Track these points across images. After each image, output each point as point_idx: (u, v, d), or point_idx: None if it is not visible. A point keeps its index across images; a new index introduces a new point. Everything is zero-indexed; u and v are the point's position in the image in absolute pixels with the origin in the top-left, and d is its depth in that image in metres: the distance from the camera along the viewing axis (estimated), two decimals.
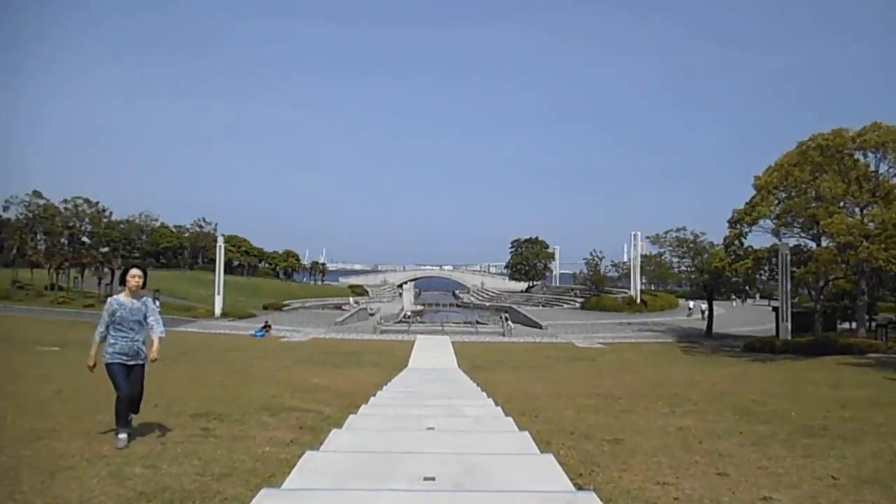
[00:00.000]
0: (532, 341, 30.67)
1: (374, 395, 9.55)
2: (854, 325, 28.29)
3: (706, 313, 44.37)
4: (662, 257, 63.14)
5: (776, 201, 26.07)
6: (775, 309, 37.70)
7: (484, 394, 9.91)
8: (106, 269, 43.05)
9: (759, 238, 30.53)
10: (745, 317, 45.21)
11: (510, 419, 6.43)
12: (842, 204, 24.84)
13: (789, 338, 26.75)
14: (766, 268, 31.77)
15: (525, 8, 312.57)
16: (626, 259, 71.92)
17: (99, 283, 42.57)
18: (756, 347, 26.69)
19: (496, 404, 8.59)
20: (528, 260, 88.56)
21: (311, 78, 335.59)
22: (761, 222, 28.93)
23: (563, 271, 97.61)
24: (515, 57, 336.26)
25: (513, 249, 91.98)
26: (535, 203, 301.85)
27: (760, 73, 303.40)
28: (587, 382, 13.72)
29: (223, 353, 20.92)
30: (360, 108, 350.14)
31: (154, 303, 21.18)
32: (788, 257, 27.60)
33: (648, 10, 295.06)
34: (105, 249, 46.86)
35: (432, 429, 5.86)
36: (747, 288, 36.21)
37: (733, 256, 30.32)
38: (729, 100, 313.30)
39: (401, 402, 8.59)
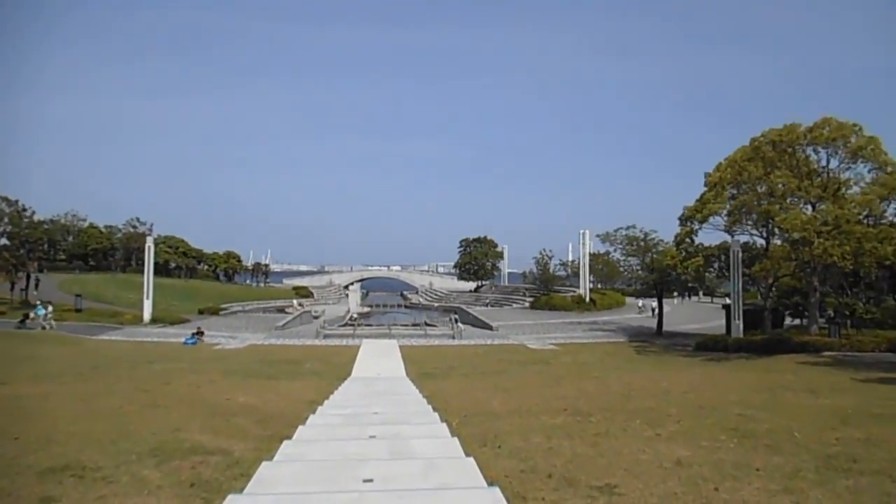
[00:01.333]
0: (483, 344, 29.44)
1: (305, 420, 7.97)
2: (803, 322, 28.33)
3: (656, 311, 44.56)
4: (610, 256, 63.52)
5: (728, 197, 25.66)
6: (725, 307, 37.93)
7: (436, 415, 8.46)
8: (20, 273, 39.39)
9: (709, 235, 30.34)
10: (690, 314, 45.47)
11: (471, 460, 5.01)
12: (791, 200, 24.66)
13: (741, 336, 26.52)
14: (716, 265, 31.65)
15: (465, 6, 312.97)
16: (571, 258, 72.09)
17: (12, 289, 38.90)
18: (709, 346, 26.32)
19: (451, 430, 7.20)
20: (476, 259, 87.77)
21: (257, 76, 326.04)
22: (712, 219, 28.64)
23: (511, 270, 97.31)
24: (463, 54, 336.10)
25: (461, 249, 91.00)
26: (483, 202, 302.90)
27: (716, 68, 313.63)
28: (548, 392, 12.48)
29: (142, 365, 18.72)
30: (308, 108, 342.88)
31: (46, 308, 18.81)
32: (740, 254, 27.37)
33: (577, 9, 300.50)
34: (20, 252, 42.64)
35: (370, 481, 4.39)
36: (696, 286, 36.11)
37: (684, 254, 29.98)
38: (692, 94, 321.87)
39: (335, 434, 7.04)
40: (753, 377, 14.65)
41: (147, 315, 37.53)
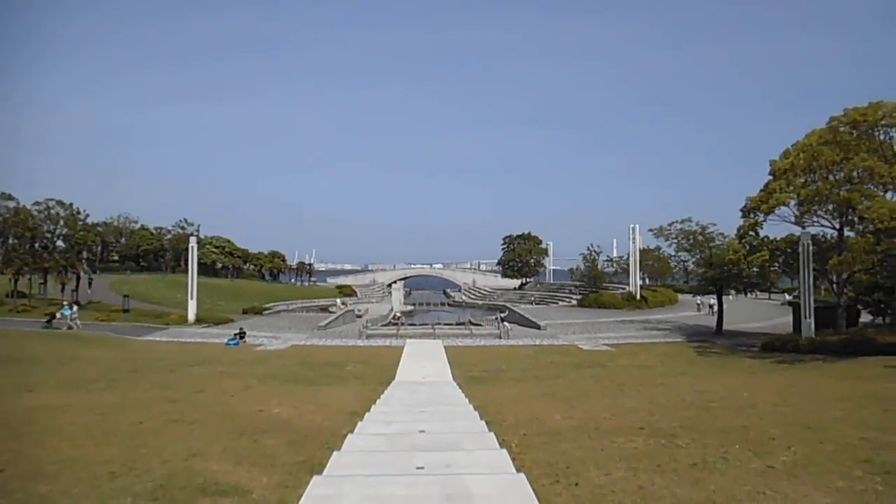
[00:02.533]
0: (532, 344, 28.04)
1: (342, 443, 6.88)
2: (885, 320, 25.95)
3: (714, 309, 42.18)
4: (662, 251, 60.99)
5: (797, 185, 23.56)
6: (791, 303, 35.46)
7: (492, 435, 7.25)
8: (70, 274, 39.96)
9: (774, 228, 28.22)
10: (750, 312, 42.96)
11: None
12: (869, 186, 22.46)
13: (813, 335, 24.42)
14: (781, 259, 29.36)
15: (526, 9, 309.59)
16: (616, 254, 69.63)
17: (62, 289, 39.49)
18: (776, 347, 24.40)
19: (511, 455, 6.01)
20: (520, 256, 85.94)
21: (302, 81, 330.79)
22: (779, 210, 26.57)
23: (555, 268, 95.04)
24: (506, 57, 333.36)
25: (505, 246, 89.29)
26: (527, 199, 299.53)
27: (748, 71, 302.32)
28: (614, 403, 11.10)
29: (181, 368, 18.11)
30: (352, 110, 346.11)
31: (72, 309, 18.36)
32: (811, 247, 25.20)
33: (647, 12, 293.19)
34: (69, 253, 43.36)
35: None
36: (759, 282, 33.66)
37: (748, 248, 27.95)
38: (710, 102, 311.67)
39: (375, 464, 5.91)
40: (846, 385, 12.90)
41: (192, 315, 37.50)
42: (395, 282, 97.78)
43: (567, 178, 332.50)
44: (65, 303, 34.55)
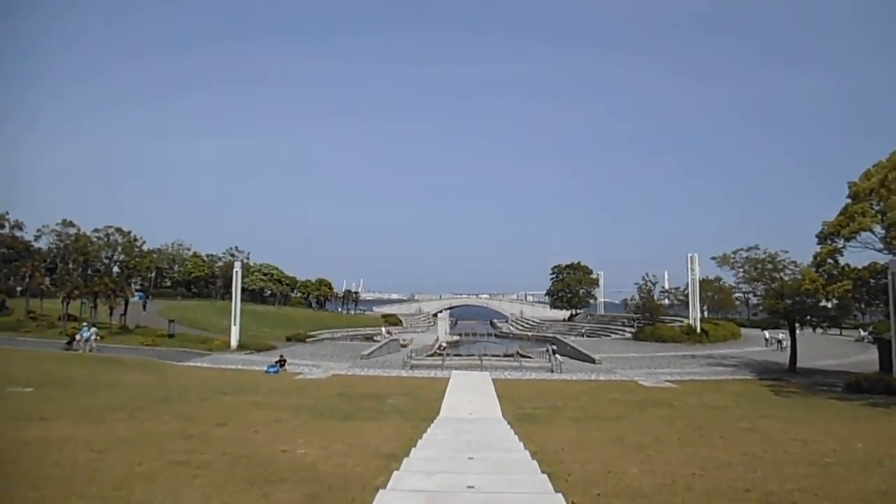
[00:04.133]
0: (587, 379, 26.04)
1: (373, 501, 5.44)
2: None
3: (783, 345, 39.07)
4: (723, 282, 57.81)
5: (891, 204, 21.20)
6: (877, 339, 32.36)
7: (559, 496, 5.67)
8: (119, 298, 40.21)
9: (853, 256, 25.66)
10: (821, 348, 39.60)
11: None
12: None
13: None
14: (865, 290, 26.59)
15: (563, 28, 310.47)
16: (668, 286, 66.44)
17: (111, 313, 39.73)
18: (864, 388, 21.89)
19: None
20: (570, 287, 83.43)
21: (348, 112, 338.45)
22: (860, 236, 24.12)
23: (605, 299, 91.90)
24: (551, 79, 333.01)
25: (553, 276, 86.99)
26: (574, 230, 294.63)
27: (809, 95, 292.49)
28: (697, 454, 9.30)
29: (213, 397, 17.08)
30: (398, 140, 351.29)
31: (90, 330, 17.57)
32: None
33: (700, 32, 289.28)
34: (117, 279, 43.84)
35: None
36: (838, 314, 30.73)
37: (826, 277, 25.42)
38: (776, 123, 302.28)
39: None
40: None
41: (234, 342, 37.01)
42: (440, 311, 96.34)
43: (615, 207, 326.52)
44: (84, 324, 34.50)
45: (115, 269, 76.04)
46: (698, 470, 7.83)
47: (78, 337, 31.61)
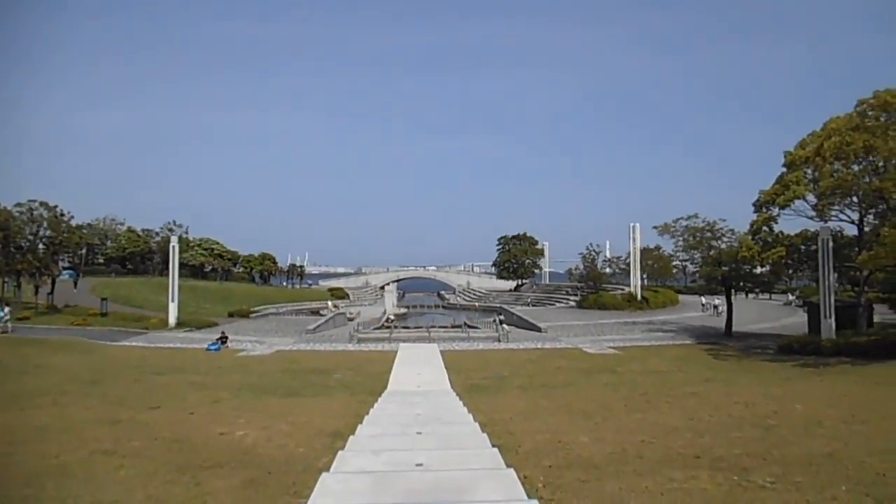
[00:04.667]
0: (533, 347, 26.29)
1: (313, 485, 5.08)
2: None
3: (719, 310, 40.61)
4: (662, 250, 59.44)
5: (823, 174, 21.93)
6: (806, 303, 33.91)
7: (511, 472, 5.45)
8: (45, 276, 37.89)
9: (787, 223, 26.71)
10: (753, 313, 41.34)
11: None
12: None
13: (834, 336, 22.87)
14: (796, 256, 27.72)
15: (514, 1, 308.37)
16: (609, 255, 67.94)
17: (37, 292, 37.45)
18: (794, 349, 22.94)
19: None
20: (516, 257, 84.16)
21: (290, 79, 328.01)
22: (794, 204, 25.02)
23: (550, 269, 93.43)
24: (500, 51, 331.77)
25: (500, 247, 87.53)
26: (518, 200, 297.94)
27: (750, 69, 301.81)
28: (645, 420, 9.36)
29: (147, 377, 16.23)
30: (343, 110, 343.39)
31: (3, 310, 16.41)
32: (830, 243, 23.63)
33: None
34: (44, 255, 41.22)
35: None
36: (770, 279, 32.01)
37: (762, 244, 26.32)
38: (723, 96, 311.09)
39: None
40: None
41: (172, 319, 35.60)
42: (387, 284, 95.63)
43: (560, 179, 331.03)
44: None
45: (41, 246, 71.78)
46: (647, 437, 7.82)
47: None
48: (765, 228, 26.29)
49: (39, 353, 22.42)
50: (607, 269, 64.85)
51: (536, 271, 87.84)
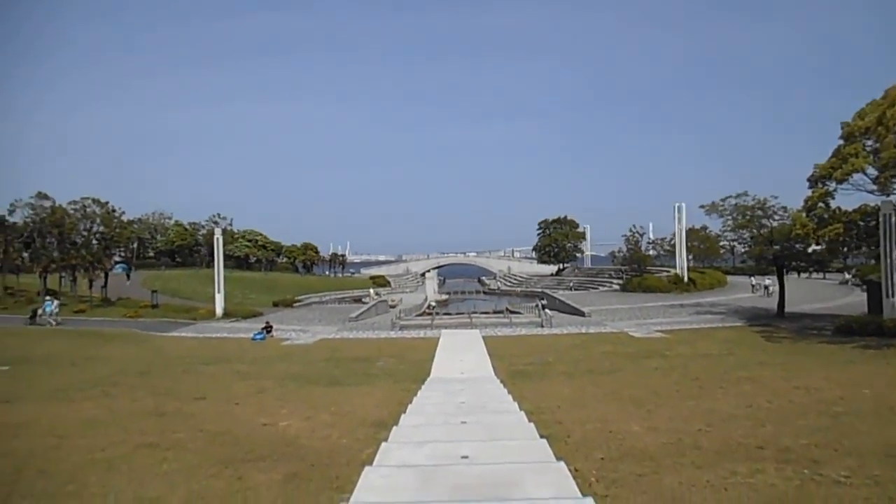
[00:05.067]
0: (577, 332, 25.78)
1: (356, 480, 4.93)
2: None
3: (769, 290, 39.16)
4: (709, 231, 57.71)
5: (887, 144, 20.69)
6: (865, 282, 32.31)
7: (561, 464, 5.18)
8: (98, 270, 39.18)
9: (844, 198, 25.28)
10: (806, 293, 39.76)
11: None
12: None
13: None
14: (854, 233, 26.33)
15: None
16: (653, 237, 66.23)
17: (90, 286, 38.77)
18: (854, 330, 21.83)
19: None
20: (556, 241, 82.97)
21: (331, 72, 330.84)
22: (852, 178, 23.69)
23: (592, 253, 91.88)
24: (538, 37, 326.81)
25: (540, 231, 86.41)
26: (559, 185, 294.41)
27: (795, 47, 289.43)
28: (699, 407, 8.93)
29: (195, 368, 16.52)
30: (381, 99, 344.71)
31: (53, 304, 16.83)
32: (893, 217, 22.36)
33: None
34: (95, 251, 42.70)
35: None
36: (827, 258, 30.63)
37: (817, 221, 25.06)
38: (758, 76, 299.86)
39: None
40: None
41: (219, 309, 36.35)
42: (428, 271, 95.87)
43: (602, 161, 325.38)
44: (47, 298, 33.59)
45: (95, 241, 74.47)
46: (703, 425, 7.42)
47: (40, 311, 30.76)
48: (820, 204, 24.94)
49: (92, 344, 23.17)
50: (651, 251, 63.37)
51: (578, 255, 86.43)
